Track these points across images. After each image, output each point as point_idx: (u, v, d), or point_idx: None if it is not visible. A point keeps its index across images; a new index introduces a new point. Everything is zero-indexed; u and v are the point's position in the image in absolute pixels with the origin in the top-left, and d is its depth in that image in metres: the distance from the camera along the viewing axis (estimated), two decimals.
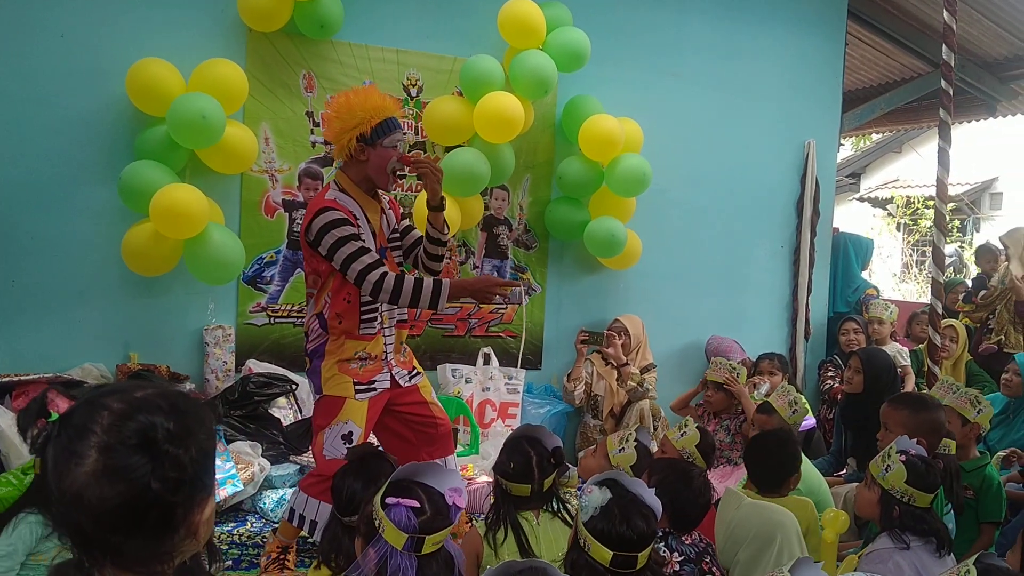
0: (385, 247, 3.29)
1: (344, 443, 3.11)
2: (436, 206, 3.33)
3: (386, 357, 3.29)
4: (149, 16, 4.27)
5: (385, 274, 3.03)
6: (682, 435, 3.24)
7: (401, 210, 3.54)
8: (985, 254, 6.63)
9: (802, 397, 4.07)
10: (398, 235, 3.41)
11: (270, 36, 4.49)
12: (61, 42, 4.14)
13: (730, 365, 4.56)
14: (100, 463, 1.12)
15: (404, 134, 3.28)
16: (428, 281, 3.06)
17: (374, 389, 3.24)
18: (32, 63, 4.10)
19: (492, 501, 2.77)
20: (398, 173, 3.26)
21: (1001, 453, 4.22)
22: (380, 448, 2.81)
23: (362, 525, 2.15)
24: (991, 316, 5.94)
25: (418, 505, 2.03)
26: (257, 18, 4.33)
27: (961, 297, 6.33)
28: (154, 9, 4.29)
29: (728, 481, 4.12)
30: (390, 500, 2.04)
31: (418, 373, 3.45)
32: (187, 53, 4.21)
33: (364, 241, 3.08)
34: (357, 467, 2.56)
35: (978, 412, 3.61)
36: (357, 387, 3.19)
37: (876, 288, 6.64)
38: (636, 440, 3.22)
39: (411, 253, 3.46)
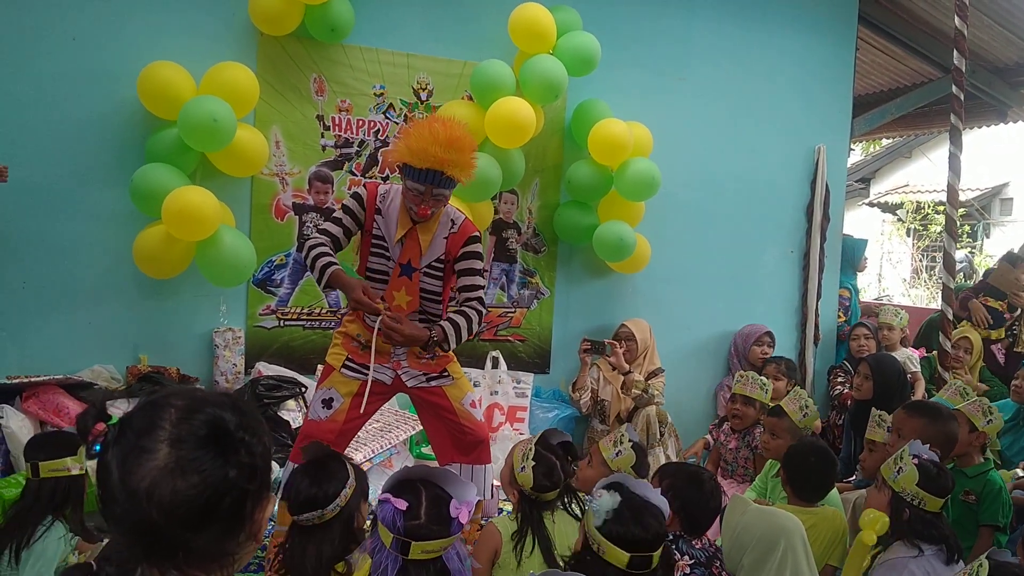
0: (414, 267, 3.29)
1: (323, 407, 3.27)
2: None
3: (393, 356, 3.34)
4: (160, 19, 4.30)
5: (320, 238, 3.25)
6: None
7: (470, 248, 3.35)
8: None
9: (812, 401, 4.05)
10: (441, 266, 3.34)
11: (281, 40, 4.51)
12: (73, 45, 4.16)
13: (761, 381, 4.46)
14: (172, 456, 1.12)
15: (439, 192, 3.14)
16: (322, 261, 3.17)
17: (364, 374, 3.30)
18: (44, 66, 4.12)
19: (519, 514, 2.75)
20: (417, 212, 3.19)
21: (1020, 472, 4.20)
22: (336, 450, 2.79)
23: (373, 513, 2.15)
24: (1017, 323, 5.92)
25: (405, 507, 2.00)
26: (268, 21, 4.35)
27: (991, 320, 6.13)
28: (165, 12, 4.31)
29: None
30: (382, 496, 2.03)
31: (444, 377, 3.43)
32: (198, 56, 4.23)
33: (352, 222, 3.29)
34: (312, 468, 2.52)
35: (988, 421, 3.60)
36: (347, 363, 3.32)
37: (850, 288, 6.55)
38: (630, 440, 3.20)
39: (456, 299, 3.44)
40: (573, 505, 2.83)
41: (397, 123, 4.83)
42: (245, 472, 1.16)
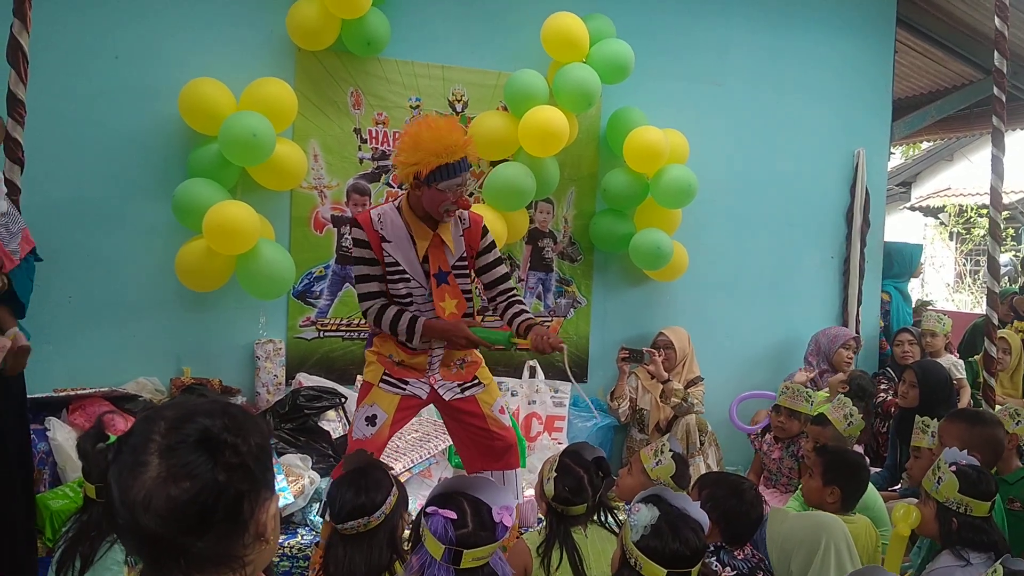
0: (446, 272, 3.31)
1: (367, 425, 3.26)
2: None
3: (429, 371, 3.36)
4: (201, 37, 4.37)
5: (374, 303, 3.27)
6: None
7: (488, 240, 3.47)
8: None
9: (857, 410, 3.99)
10: (464, 263, 3.39)
11: (318, 54, 4.57)
12: (115, 63, 4.25)
13: (807, 394, 4.41)
14: (163, 466, 1.14)
15: (467, 175, 3.21)
16: (406, 318, 3.23)
17: (403, 388, 3.33)
18: (88, 84, 4.20)
19: (546, 527, 2.74)
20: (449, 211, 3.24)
21: None
22: (378, 459, 2.80)
23: (412, 532, 2.17)
24: None
25: (455, 517, 2.03)
26: (305, 37, 4.40)
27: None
28: (206, 30, 4.38)
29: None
30: (430, 509, 2.06)
31: (477, 384, 3.45)
32: (238, 72, 4.30)
33: (375, 267, 3.26)
34: (353, 476, 2.55)
35: (1017, 423, 3.56)
36: (384, 377, 3.33)
37: (891, 293, 6.45)
38: (672, 450, 3.17)
39: (493, 297, 3.48)
40: (609, 520, 2.80)
41: None
42: (235, 473, 1.17)
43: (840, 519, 2.82)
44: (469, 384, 3.44)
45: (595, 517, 2.78)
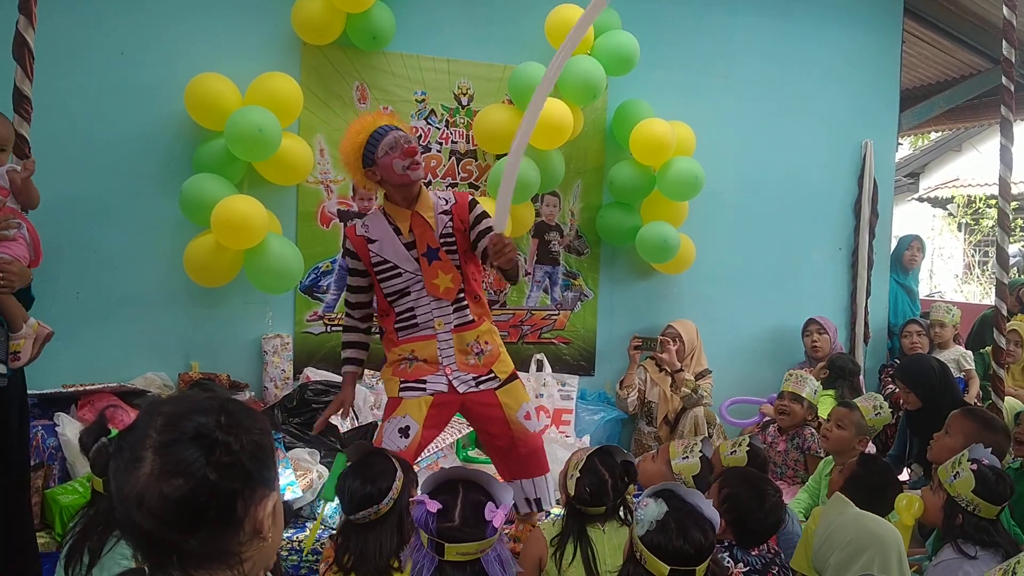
0: (435, 248, 3.29)
1: (401, 436, 3.23)
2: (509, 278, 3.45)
3: (441, 361, 3.32)
4: (206, 32, 4.37)
5: (347, 319, 3.55)
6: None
7: (478, 211, 3.40)
8: None
9: (887, 405, 3.99)
10: (453, 239, 3.33)
11: (323, 49, 4.56)
12: (121, 59, 4.25)
13: (813, 382, 4.39)
14: (157, 463, 1.14)
15: (396, 131, 3.22)
16: (344, 358, 3.54)
17: (423, 388, 3.29)
18: (93, 81, 4.21)
19: (562, 522, 2.73)
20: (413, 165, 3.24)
21: None
22: (382, 448, 2.80)
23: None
24: None
25: (437, 509, 2.02)
26: (311, 31, 4.40)
27: None
28: (211, 25, 4.38)
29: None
30: (418, 497, 2.05)
31: (492, 378, 3.38)
32: (243, 67, 4.30)
33: (361, 278, 3.40)
34: (359, 466, 2.58)
35: None
36: (403, 385, 3.31)
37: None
38: (701, 452, 3.16)
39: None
40: (629, 516, 2.79)
41: (439, 128, 4.85)
42: (228, 472, 1.16)
43: (900, 533, 2.76)
44: (484, 377, 3.37)
45: (618, 515, 2.76)
